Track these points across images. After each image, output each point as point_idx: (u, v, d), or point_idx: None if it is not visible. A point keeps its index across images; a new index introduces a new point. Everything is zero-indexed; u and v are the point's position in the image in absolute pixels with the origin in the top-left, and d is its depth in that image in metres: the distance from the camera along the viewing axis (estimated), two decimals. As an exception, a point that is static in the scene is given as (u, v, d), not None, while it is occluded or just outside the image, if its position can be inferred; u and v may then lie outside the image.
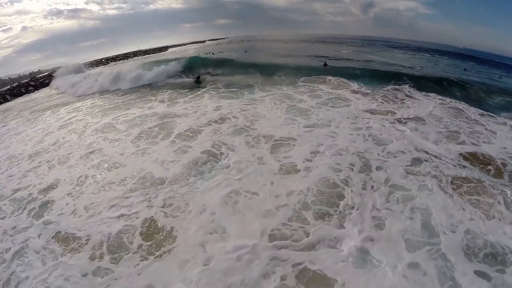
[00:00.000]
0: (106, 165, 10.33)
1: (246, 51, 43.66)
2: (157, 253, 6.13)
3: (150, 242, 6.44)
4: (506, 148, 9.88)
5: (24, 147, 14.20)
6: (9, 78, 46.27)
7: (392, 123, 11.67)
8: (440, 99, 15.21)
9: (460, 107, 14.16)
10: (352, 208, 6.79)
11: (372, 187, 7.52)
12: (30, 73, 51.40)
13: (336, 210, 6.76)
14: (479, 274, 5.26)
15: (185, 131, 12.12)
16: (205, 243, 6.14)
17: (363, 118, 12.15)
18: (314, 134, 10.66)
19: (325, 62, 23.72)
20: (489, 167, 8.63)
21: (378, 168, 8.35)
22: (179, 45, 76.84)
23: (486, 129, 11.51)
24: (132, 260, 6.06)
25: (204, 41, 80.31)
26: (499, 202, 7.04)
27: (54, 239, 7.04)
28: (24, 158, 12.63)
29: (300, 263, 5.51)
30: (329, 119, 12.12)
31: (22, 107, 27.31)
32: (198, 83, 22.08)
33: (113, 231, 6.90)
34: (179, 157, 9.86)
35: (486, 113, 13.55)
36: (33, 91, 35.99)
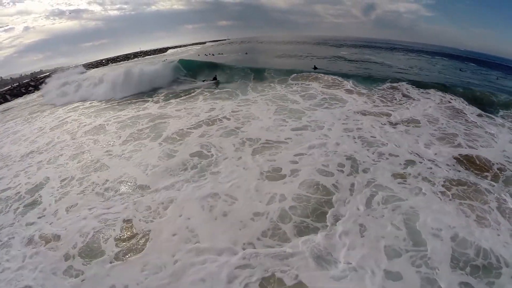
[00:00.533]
0: (92, 167, 10.24)
1: (246, 53, 43.24)
2: (127, 257, 6.04)
3: (123, 246, 6.34)
4: (505, 151, 9.59)
5: (18, 147, 14.26)
6: (10, 78, 46.57)
7: (383, 125, 11.44)
8: (437, 99, 14.92)
9: (457, 107, 13.89)
10: (335, 217, 6.49)
11: (359, 192, 7.27)
12: (32, 73, 51.71)
13: (317, 220, 6.45)
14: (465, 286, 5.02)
15: (173, 133, 11.98)
16: (175, 250, 5.98)
17: (353, 120, 11.93)
18: (304, 137, 10.46)
19: (314, 66, 23.48)
20: (485, 172, 8.35)
21: (365, 171, 8.14)
22: (180, 46, 76.75)
23: (486, 132, 11.20)
24: (103, 262, 5.99)
25: (204, 43, 79.97)
26: (491, 208, 6.80)
27: (35, 237, 7.12)
28: (17, 157, 12.75)
29: (272, 274, 5.28)
30: (321, 120, 11.93)
31: (22, 107, 27.37)
32: (216, 84, 21.11)
33: (90, 233, 6.86)
34: (162, 161, 9.75)
35: (485, 113, 13.28)
36: (33, 91, 36.09)
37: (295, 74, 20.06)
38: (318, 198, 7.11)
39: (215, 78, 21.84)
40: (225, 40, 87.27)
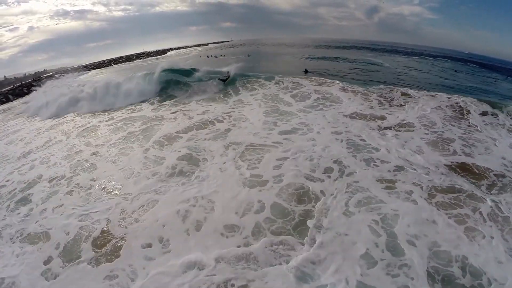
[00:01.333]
0: (80, 168, 10.36)
1: (249, 55, 43.57)
2: (101, 261, 6.12)
3: (99, 251, 6.41)
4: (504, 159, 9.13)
5: (14, 147, 14.52)
6: (14, 77, 47.05)
7: (372, 129, 11.27)
8: (433, 102, 14.58)
9: (456, 109, 13.44)
10: (314, 228, 6.29)
11: (340, 201, 7.06)
12: (35, 72, 52.20)
13: (292, 232, 6.25)
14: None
15: (162, 137, 11.99)
16: (143, 258, 6.02)
17: (343, 123, 11.84)
18: (292, 141, 10.42)
19: (305, 69, 23.52)
20: (480, 179, 8.03)
21: (350, 175, 8.05)
22: (182, 47, 76.96)
23: (486, 136, 10.85)
24: (79, 264, 6.13)
25: (207, 44, 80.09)
26: (484, 218, 6.55)
27: (21, 235, 7.50)
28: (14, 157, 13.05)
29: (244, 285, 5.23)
30: (311, 123, 11.89)
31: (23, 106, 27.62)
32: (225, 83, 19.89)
33: (71, 234, 7.04)
34: (147, 166, 9.79)
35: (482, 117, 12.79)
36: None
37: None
38: (296, 208, 6.96)
39: (227, 76, 20.66)
40: (227, 42, 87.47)
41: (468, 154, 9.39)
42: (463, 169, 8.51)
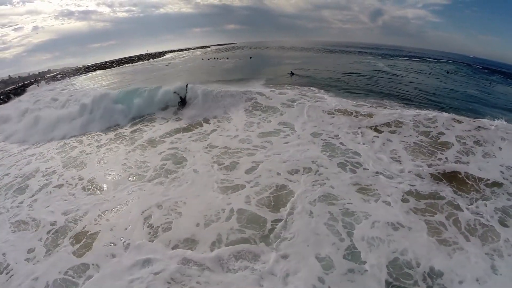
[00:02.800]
0: (71, 164, 11.14)
1: (251, 58, 44.28)
2: (72, 253, 6.71)
3: (76, 243, 7.00)
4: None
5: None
6: (18, 76, 47.98)
7: (353, 133, 11.12)
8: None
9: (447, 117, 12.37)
10: (280, 237, 6.39)
11: (311, 206, 7.15)
12: (40, 72, 53.17)
13: (258, 240, 6.35)
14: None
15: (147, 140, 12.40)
16: (105, 256, 6.42)
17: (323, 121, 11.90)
18: (271, 143, 10.62)
19: (291, 71, 23.40)
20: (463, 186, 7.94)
21: (323, 181, 8.13)
22: (181, 50, 77.07)
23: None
24: (59, 253, 6.83)
25: (208, 46, 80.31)
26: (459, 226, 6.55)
27: (15, 221, 8.33)
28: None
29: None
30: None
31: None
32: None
33: (57, 224, 7.81)
34: (130, 167, 10.26)
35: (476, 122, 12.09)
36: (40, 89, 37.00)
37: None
38: (265, 215, 7.07)
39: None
40: (230, 44, 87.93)
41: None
42: (449, 176, 8.34)
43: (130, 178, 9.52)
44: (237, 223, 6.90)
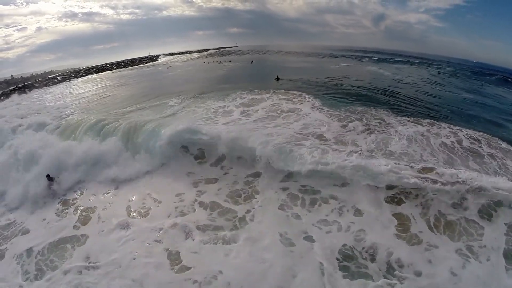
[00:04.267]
0: None
1: (252, 62, 45.41)
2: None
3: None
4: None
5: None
6: (21, 76, 49.16)
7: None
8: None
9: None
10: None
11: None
12: (42, 73, 54.39)
13: None
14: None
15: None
16: None
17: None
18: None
19: (277, 76, 23.50)
20: None
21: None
22: (185, 52, 77.80)
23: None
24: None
25: (207, 50, 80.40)
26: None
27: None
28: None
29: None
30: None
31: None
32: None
33: None
34: None
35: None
36: (36, 91, 37.89)
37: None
38: None
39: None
40: (232, 47, 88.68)
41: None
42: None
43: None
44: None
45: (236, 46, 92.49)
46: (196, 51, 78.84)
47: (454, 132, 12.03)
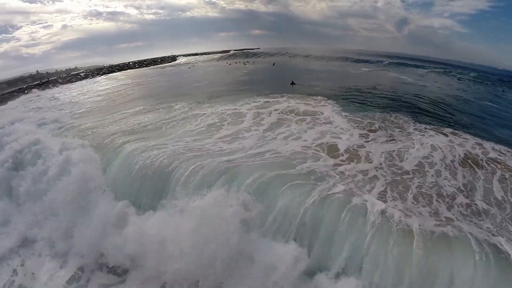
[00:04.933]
0: None
1: (273, 64, 44.93)
2: None
3: None
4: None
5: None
6: (46, 72, 50.70)
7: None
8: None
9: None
10: None
11: None
12: (67, 69, 55.94)
13: None
14: None
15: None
16: None
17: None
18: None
19: (292, 81, 23.25)
20: None
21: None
22: (209, 53, 77.70)
23: None
24: None
25: (228, 51, 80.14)
26: None
27: None
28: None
29: None
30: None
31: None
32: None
33: None
34: None
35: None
36: (59, 87, 38.60)
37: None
38: None
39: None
40: (253, 49, 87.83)
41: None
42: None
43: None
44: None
45: (258, 48, 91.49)
46: (218, 52, 78.56)
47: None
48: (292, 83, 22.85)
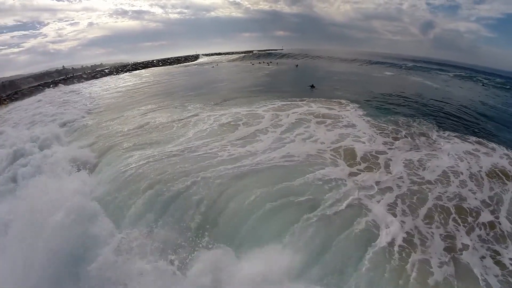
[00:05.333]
0: None
1: (297, 65, 43.71)
2: None
3: None
4: None
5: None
6: (72, 68, 51.87)
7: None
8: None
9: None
10: None
11: None
12: (92, 65, 56.95)
13: None
14: None
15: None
16: None
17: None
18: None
19: (312, 84, 22.17)
20: None
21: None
22: (232, 53, 77.04)
23: None
24: None
25: (251, 51, 78.87)
26: None
27: None
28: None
29: None
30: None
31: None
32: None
33: None
34: None
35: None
36: (83, 82, 38.93)
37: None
38: None
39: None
40: (276, 50, 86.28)
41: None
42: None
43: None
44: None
45: (282, 49, 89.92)
46: (241, 52, 77.59)
47: None
48: (312, 86, 21.72)
